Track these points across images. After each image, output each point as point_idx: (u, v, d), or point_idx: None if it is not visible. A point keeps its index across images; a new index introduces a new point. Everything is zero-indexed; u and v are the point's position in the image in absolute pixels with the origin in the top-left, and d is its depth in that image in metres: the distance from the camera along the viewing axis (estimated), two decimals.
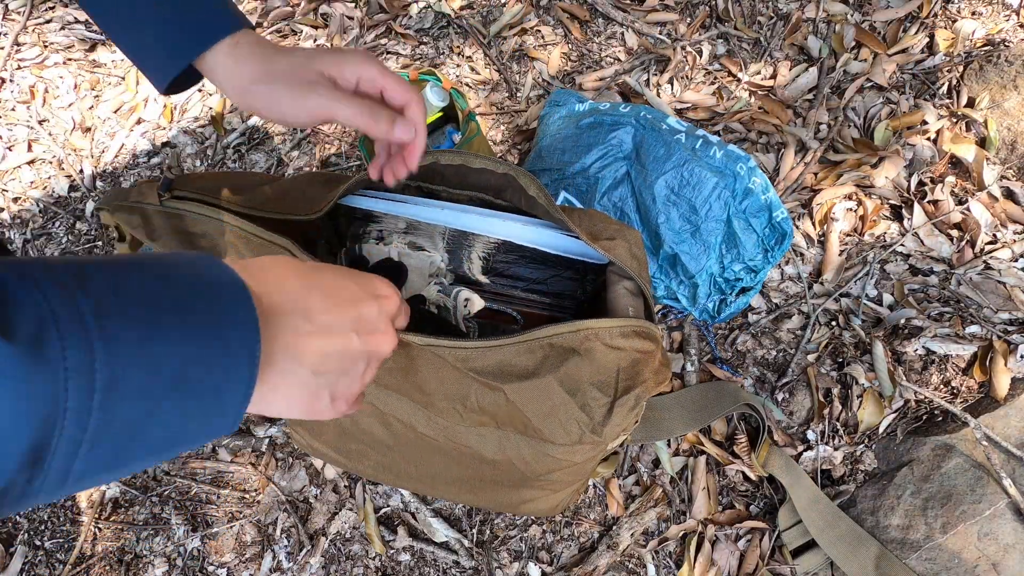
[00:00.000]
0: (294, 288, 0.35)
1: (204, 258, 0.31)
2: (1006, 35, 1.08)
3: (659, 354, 0.57)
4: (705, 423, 0.86)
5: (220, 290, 0.30)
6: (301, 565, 0.87)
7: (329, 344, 0.36)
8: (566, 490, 0.71)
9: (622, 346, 0.54)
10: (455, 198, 0.66)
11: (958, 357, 0.87)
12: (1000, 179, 0.98)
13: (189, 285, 0.29)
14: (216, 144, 1.17)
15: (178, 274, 0.29)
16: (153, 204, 0.57)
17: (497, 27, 1.21)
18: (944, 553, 0.75)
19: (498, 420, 0.58)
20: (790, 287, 0.97)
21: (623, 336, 0.54)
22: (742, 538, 0.84)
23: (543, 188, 0.58)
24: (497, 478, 0.68)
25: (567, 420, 0.55)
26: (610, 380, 0.54)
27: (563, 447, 0.59)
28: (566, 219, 0.57)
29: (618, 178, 0.90)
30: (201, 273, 0.30)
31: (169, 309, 0.27)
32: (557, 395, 0.53)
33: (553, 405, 0.54)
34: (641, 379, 0.54)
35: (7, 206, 1.16)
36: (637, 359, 0.55)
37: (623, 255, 0.58)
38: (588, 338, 0.53)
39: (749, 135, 1.07)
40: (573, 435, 0.56)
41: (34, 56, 1.28)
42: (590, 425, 0.55)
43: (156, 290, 0.28)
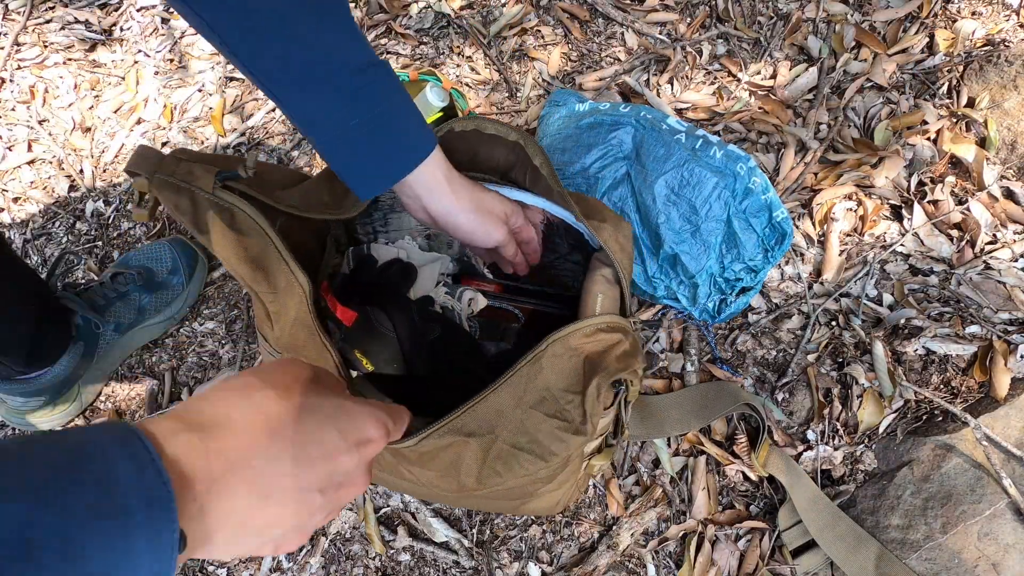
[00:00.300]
0: (257, 452, 0.31)
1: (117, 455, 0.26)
2: (1006, 35, 1.08)
3: (627, 342, 0.57)
4: (705, 423, 0.86)
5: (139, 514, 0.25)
6: (301, 565, 0.87)
7: (282, 513, 0.32)
8: (564, 487, 0.71)
9: (583, 344, 0.55)
10: None
11: (958, 357, 0.87)
12: (1000, 179, 0.99)
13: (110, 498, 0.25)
14: (216, 144, 1.17)
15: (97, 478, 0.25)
16: (205, 191, 0.53)
17: (497, 27, 1.21)
18: (944, 553, 0.75)
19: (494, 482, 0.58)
20: (790, 287, 0.97)
21: (587, 335, 0.55)
22: (742, 538, 0.84)
23: (547, 159, 0.59)
24: (492, 496, 0.68)
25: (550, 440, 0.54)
26: (577, 378, 0.55)
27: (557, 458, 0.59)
28: (565, 193, 0.58)
29: (618, 178, 0.90)
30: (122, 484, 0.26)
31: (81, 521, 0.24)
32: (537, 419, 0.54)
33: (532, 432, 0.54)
34: (603, 365, 0.55)
35: (7, 206, 1.16)
36: (600, 349, 0.55)
37: (607, 237, 0.59)
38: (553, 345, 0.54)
39: (749, 135, 1.07)
40: (563, 448, 0.56)
41: (34, 56, 1.28)
42: (572, 428, 0.55)
43: (72, 495, 0.24)
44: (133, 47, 1.28)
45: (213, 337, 1.02)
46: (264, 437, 0.31)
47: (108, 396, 1.00)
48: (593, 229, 0.59)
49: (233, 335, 1.02)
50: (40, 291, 0.86)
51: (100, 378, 0.99)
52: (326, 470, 0.33)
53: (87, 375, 0.95)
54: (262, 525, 0.31)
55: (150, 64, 1.26)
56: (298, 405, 0.33)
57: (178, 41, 1.28)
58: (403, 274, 0.71)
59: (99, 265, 1.09)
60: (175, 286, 0.99)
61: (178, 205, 0.53)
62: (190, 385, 0.99)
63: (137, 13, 1.31)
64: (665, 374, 0.93)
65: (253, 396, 0.32)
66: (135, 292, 0.96)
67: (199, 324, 1.03)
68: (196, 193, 0.53)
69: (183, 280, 0.99)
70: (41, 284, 0.87)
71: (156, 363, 1.01)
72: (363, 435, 0.36)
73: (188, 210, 0.53)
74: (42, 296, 0.86)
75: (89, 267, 1.09)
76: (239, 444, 0.30)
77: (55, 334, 0.88)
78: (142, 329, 0.98)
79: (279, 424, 0.32)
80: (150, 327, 0.99)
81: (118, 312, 0.95)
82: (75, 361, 0.91)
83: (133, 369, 1.01)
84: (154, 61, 1.27)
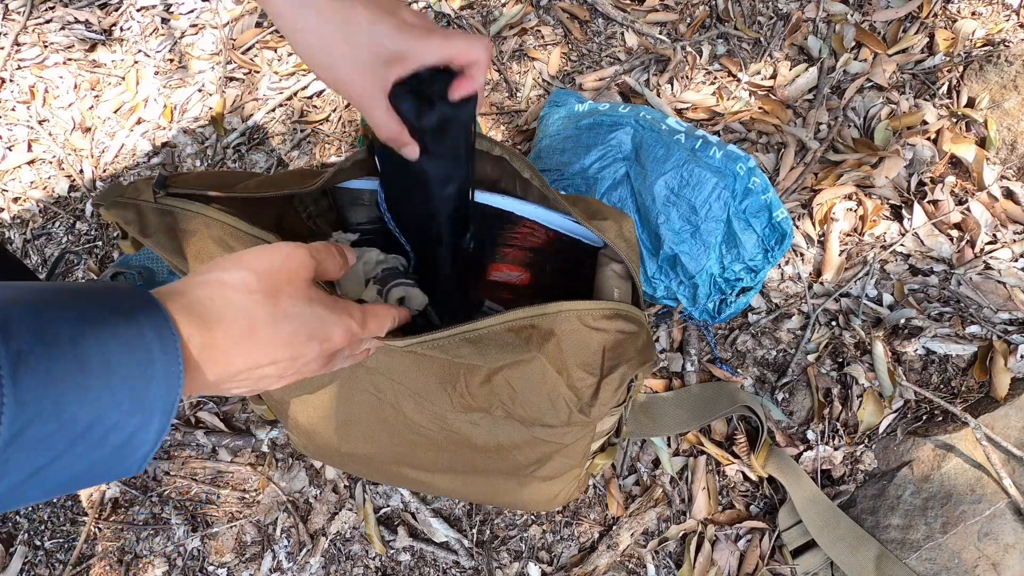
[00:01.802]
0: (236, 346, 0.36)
1: (137, 298, 0.31)
2: (1006, 35, 1.08)
3: (644, 335, 0.57)
4: (702, 424, 0.86)
5: (147, 341, 0.30)
6: (301, 565, 0.87)
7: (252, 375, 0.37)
8: (561, 479, 0.71)
9: (605, 327, 0.55)
10: None
11: (958, 357, 0.87)
12: (1000, 179, 0.98)
13: (116, 333, 0.29)
14: (216, 144, 1.17)
15: (108, 321, 0.29)
16: (148, 201, 0.57)
17: (497, 27, 1.21)
18: (944, 553, 0.75)
19: (488, 404, 0.58)
20: (790, 287, 0.97)
21: (606, 317, 0.55)
22: (742, 538, 0.84)
23: (536, 170, 0.59)
24: (489, 467, 0.68)
25: (556, 399, 0.55)
26: (596, 360, 0.55)
27: (553, 429, 0.59)
28: (559, 197, 0.58)
29: (617, 179, 0.90)
30: (133, 316, 0.30)
31: (90, 361, 0.28)
32: (546, 374, 0.54)
33: (540, 383, 0.55)
34: (626, 357, 0.55)
35: (7, 206, 1.16)
36: (621, 339, 0.55)
37: (612, 235, 0.59)
38: (567, 319, 0.54)
39: (749, 135, 1.07)
40: (562, 414, 0.56)
41: (34, 56, 1.28)
42: (578, 405, 0.55)
43: (80, 337, 0.28)
44: (133, 47, 1.28)
45: None
46: (244, 338, 0.36)
47: None
48: (596, 229, 0.59)
49: None
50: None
51: None
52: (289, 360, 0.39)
53: None
54: (238, 369, 0.36)
55: (150, 64, 1.26)
56: (278, 313, 0.38)
57: (178, 41, 1.28)
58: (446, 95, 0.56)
59: (99, 265, 1.09)
60: None
61: (125, 219, 0.58)
62: None
63: (137, 13, 1.31)
64: (665, 374, 0.93)
65: (243, 299, 0.37)
66: None
67: None
68: (140, 206, 0.58)
69: None
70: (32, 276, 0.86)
71: None
72: (328, 337, 0.41)
73: (134, 220, 0.58)
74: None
75: (89, 267, 1.09)
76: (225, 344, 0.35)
77: None
78: None
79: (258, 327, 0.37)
80: None
81: None
82: None
83: None
84: (154, 61, 1.27)
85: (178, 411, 0.96)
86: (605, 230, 0.59)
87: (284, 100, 1.19)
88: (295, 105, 1.19)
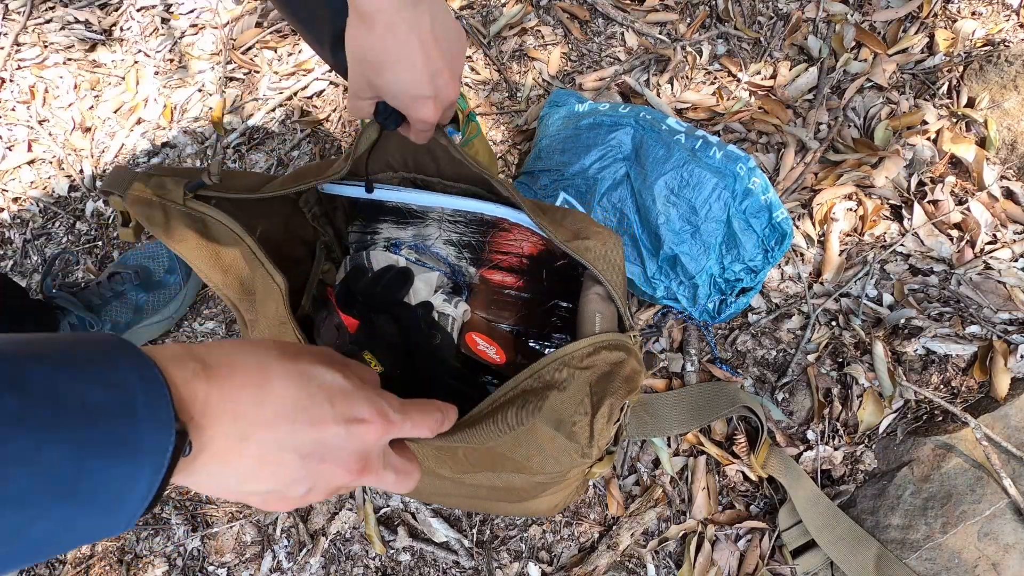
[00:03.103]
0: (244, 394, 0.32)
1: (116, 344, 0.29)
2: (1006, 35, 1.08)
3: (632, 361, 0.56)
4: (701, 424, 0.86)
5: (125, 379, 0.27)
6: (301, 565, 0.87)
7: (259, 467, 0.32)
8: (564, 491, 0.71)
9: (590, 363, 0.54)
10: (449, 190, 0.66)
11: (958, 357, 0.87)
12: (1000, 179, 0.98)
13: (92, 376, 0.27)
14: (216, 144, 1.17)
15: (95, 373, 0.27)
16: (176, 202, 0.54)
17: (497, 27, 1.21)
18: (944, 553, 0.75)
19: (492, 466, 0.57)
20: (790, 287, 0.97)
21: (590, 355, 0.54)
22: (742, 538, 0.84)
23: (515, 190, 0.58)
24: (491, 496, 0.68)
25: (558, 454, 0.54)
26: (585, 399, 0.53)
27: (555, 473, 0.58)
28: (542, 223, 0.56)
29: (617, 179, 0.90)
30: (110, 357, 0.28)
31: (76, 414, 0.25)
32: (544, 434, 0.52)
33: (541, 444, 0.53)
34: (612, 389, 0.53)
35: (7, 206, 1.16)
36: (606, 371, 0.54)
37: (595, 256, 0.57)
38: (560, 368, 0.52)
39: (749, 135, 1.07)
40: (565, 464, 0.55)
41: (34, 56, 1.28)
42: (579, 450, 0.54)
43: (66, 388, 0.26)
44: (133, 47, 1.28)
45: (213, 337, 1.02)
46: (254, 386, 0.32)
47: None
48: (576, 250, 0.56)
49: (233, 335, 1.01)
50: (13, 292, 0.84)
51: None
52: (309, 436, 0.33)
53: None
54: (241, 470, 0.32)
55: (150, 64, 1.26)
56: (298, 370, 0.34)
57: (178, 41, 1.28)
58: (403, 279, 0.71)
59: (98, 265, 1.09)
60: (172, 285, 0.99)
61: (150, 218, 0.54)
62: None
63: (137, 13, 1.31)
64: (665, 374, 0.93)
65: (258, 350, 0.34)
66: (132, 291, 0.96)
67: (199, 324, 1.03)
68: (168, 206, 0.54)
69: (180, 280, 0.99)
70: (13, 285, 0.85)
71: None
72: (355, 413, 0.35)
73: (160, 222, 0.54)
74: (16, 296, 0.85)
75: (88, 267, 1.09)
76: (232, 384, 0.31)
77: None
78: (141, 329, 0.98)
79: (273, 378, 0.33)
80: (149, 327, 0.99)
81: (114, 311, 0.95)
82: None
83: None
84: (154, 61, 1.27)
85: None
86: (587, 251, 0.57)
87: (284, 100, 1.19)
88: (295, 105, 1.19)
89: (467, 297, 0.76)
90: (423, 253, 0.74)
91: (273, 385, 0.33)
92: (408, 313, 0.67)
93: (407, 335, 0.66)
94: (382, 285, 0.70)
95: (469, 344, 0.69)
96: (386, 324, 0.66)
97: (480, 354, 0.69)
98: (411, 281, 0.71)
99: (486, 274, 0.75)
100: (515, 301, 0.75)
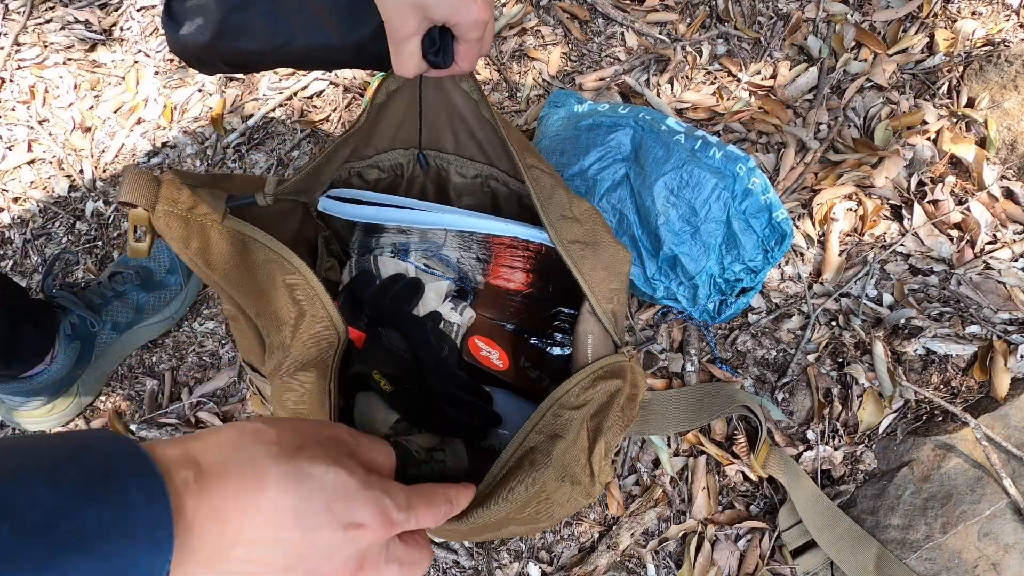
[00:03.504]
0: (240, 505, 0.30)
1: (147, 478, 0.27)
2: (1006, 35, 1.08)
3: (626, 388, 0.54)
4: (700, 424, 0.86)
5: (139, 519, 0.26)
6: None
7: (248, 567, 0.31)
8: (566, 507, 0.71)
9: (589, 398, 0.52)
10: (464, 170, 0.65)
11: (958, 357, 0.87)
12: (1000, 179, 0.98)
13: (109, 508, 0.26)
14: (216, 144, 1.17)
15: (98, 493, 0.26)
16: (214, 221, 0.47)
17: (497, 27, 1.21)
18: (944, 553, 0.75)
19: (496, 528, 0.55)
20: (790, 287, 0.97)
21: (587, 389, 0.52)
22: (742, 538, 0.84)
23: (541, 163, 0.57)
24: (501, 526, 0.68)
25: (564, 501, 0.53)
26: (585, 438, 0.52)
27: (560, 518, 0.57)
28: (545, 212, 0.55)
29: (617, 180, 0.90)
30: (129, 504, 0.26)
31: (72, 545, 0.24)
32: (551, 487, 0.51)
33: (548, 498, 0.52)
34: (607, 424, 0.52)
35: (7, 206, 1.16)
36: (604, 401, 0.53)
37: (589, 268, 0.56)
38: (559, 412, 0.50)
39: (749, 135, 1.07)
40: (571, 509, 0.54)
41: (34, 56, 1.28)
42: (583, 492, 0.53)
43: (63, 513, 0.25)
44: (133, 47, 1.28)
45: (213, 337, 1.02)
46: (247, 492, 0.31)
47: (108, 396, 1.00)
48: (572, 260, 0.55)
49: (233, 335, 1.01)
50: (13, 291, 0.84)
51: (99, 378, 0.98)
52: (301, 543, 0.32)
53: (85, 375, 0.95)
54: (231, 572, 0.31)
55: (150, 64, 1.26)
56: (296, 471, 0.32)
57: None
58: (413, 290, 0.69)
59: (98, 265, 1.09)
60: (173, 286, 0.99)
61: (187, 240, 0.47)
62: (190, 385, 0.99)
63: (137, 13, 1.31)
64: (665, 374, 0.93)
65: (255, 448, 0.32)
66: (133, 291, 0.96)
67: (199, 324, 1.03)
68: (205, 224, 0.47)
69: (181, 280, 0.99)
70: (13, 285, 0.85)
71: (156, 363, 1.01)
72: (353, 518, 0.33)
73: (199, 246, 0.47)
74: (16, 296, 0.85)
75: (88, 267, 1.09)
76: (224, 492, 0.30)
77: (34, 334, 0.87)
78: (141, 329, 0.98)
79: (268, 483, 0.31)
80: (149, 327, 0.99)
81: (115, 311, 0.95)
82: (72, 361, 0.91)
83: (133, 369, 1.01)
84: (154, 61, 1.27)
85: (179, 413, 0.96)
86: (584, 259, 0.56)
87: (284, 100, 1.19)
88: (295, 105, 1.19)
89: (472, 301, 0.74)
90: (432, 258, 0.73)
91: (267, 491, 0.31)
92: (418, 328, 0.66)
93: (416, 350, 0.64)
94: (390, 297, 0.68)
95: (472, 350, 0.68)
96: (394, 338, 0.64)
97: (483, 360, 0.68)
98: (422, 292, 0.69)
99: (492, 281, 0.74)
100: (519, 305, 0.75)
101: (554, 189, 0.57)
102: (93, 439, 0.28)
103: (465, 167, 0.66)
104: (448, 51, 0.50)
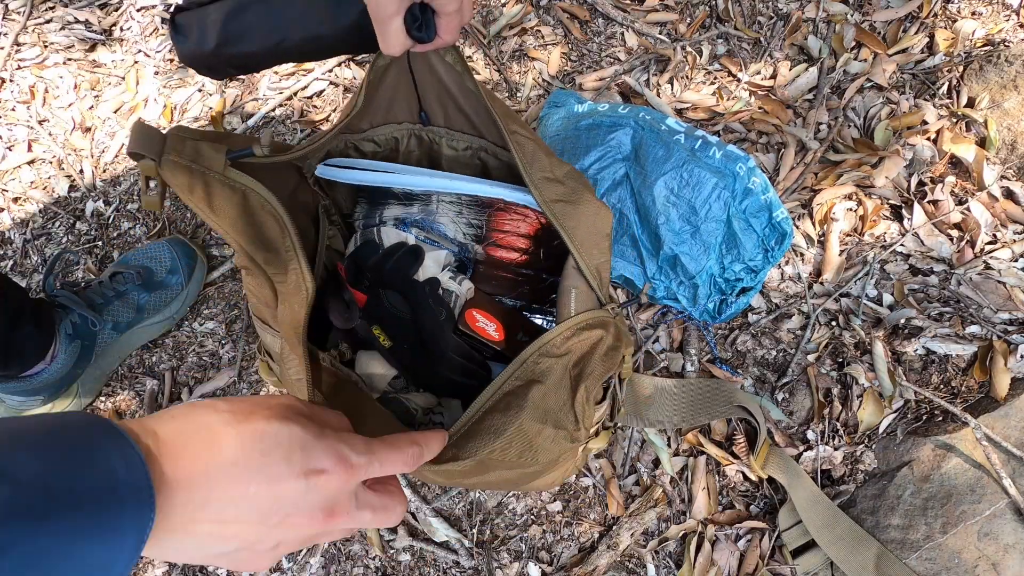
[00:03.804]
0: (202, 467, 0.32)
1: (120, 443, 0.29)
2: (1006, 35, 1.08)
3: (609, 336, 0.56)
4: (696, 422, 0.86)
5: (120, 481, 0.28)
6: (301, 565, 0.87)
7: (222, 530, 0.33)
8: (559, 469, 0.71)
9: (571, 348, 0.53)
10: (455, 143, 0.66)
11: (958, 357, 0.87)
12: (1000, 179, 0.98)
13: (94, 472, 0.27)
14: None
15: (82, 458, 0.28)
16: (216, 171, 0.51)
17: (497, 27, 1.21)
18: (944, 553, 0.75)
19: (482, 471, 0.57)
20: (790, 287, 0.97)
21: (568, 339, 0.53)
22: (742, 538, 0.84)
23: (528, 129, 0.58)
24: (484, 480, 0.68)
25: (548, 444, 0.53)
26: (566, 387, 0.53)
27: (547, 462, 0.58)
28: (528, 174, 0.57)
29: (617, 179, 0.90)
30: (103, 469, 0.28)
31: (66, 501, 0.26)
32: (532, 429, 0.52)
33: (530, 440, 0.52)
34: (588, 371, 0.53)
35: (7, 206, 1.16)
36: (585, 352, 0.54)
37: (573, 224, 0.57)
38: (539, 360, 0.51)
39: (749, 135, 1.07)
40: (556, 452, 0.55)
41: (34, 56, 1.28)
42: (567, 436, 0.53)
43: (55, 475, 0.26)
44: (133, 47, 1.28)
45: (213, 337, 1.02)
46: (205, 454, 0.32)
47: (108, 396, 1.00)
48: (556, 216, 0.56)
49: (233, 335, 1.02)
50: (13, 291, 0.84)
51: (99, 377, 0.98)
52: (266, 494, 0.33)
53: (85, 374, 0.95)
54: (202, 536, 0.33)
55: (150, 64, 1.26)
56: (250, 430, 0.34)
57: None
58: (414, 256, 0.72)
59: (98, 265, 1.09)
60: (174, 286, 0.99)
61: (190, 188, 0.51)
62: (190, 385, 0.99)
63: (137, 13, 1.31)
64: (665, 374, 0.93)
65: (207, 416, 0.34)
66: (133, 291, 0.96)
67: (199, 324, 1.03)
68: (208, 175, 0.51)
69: (182, 280, 0.99)
70: (13, 285, 0.85)
71: (156, 363, 1.01)
72: (313, 465, 0.35)
73: (201, 194, 0.51)
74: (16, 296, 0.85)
75: (88, 267, 1.09)
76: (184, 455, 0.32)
77: (34, 333, 0.87)
78: (141, 329, 0.98)
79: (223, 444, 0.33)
80: (149, 327, 0.99)
81: (116, 311, 0.95)
82: (72, 360, 0.91)
83: (133, 369, 1.01)
84: (154, 61, 1.27)
85: None
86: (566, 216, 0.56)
87: (284, 100, 1.19)
88: (295, 105, 1.19)
89: (471, 274, 0.77)
90: (429, 231, 0.75)
91: (225, 452, 0.33)
92: (417, 289, 0.69)
93: (416, 310, 0.68)
94: (392, 261, 0.72)
95: (468, 321, 0.70)
96: (395, 299, 0.68)
97: (479, 331, 0.71)
98: (422, 259, 0.73)
99: (490, 251, 0.75)
100: (516, 277, 0.77)
101: (536, 152, 0.58)
102: (69, 417, 0.30)
103: (456, 139, 0.68)
104: (430, 25, 0.52)
